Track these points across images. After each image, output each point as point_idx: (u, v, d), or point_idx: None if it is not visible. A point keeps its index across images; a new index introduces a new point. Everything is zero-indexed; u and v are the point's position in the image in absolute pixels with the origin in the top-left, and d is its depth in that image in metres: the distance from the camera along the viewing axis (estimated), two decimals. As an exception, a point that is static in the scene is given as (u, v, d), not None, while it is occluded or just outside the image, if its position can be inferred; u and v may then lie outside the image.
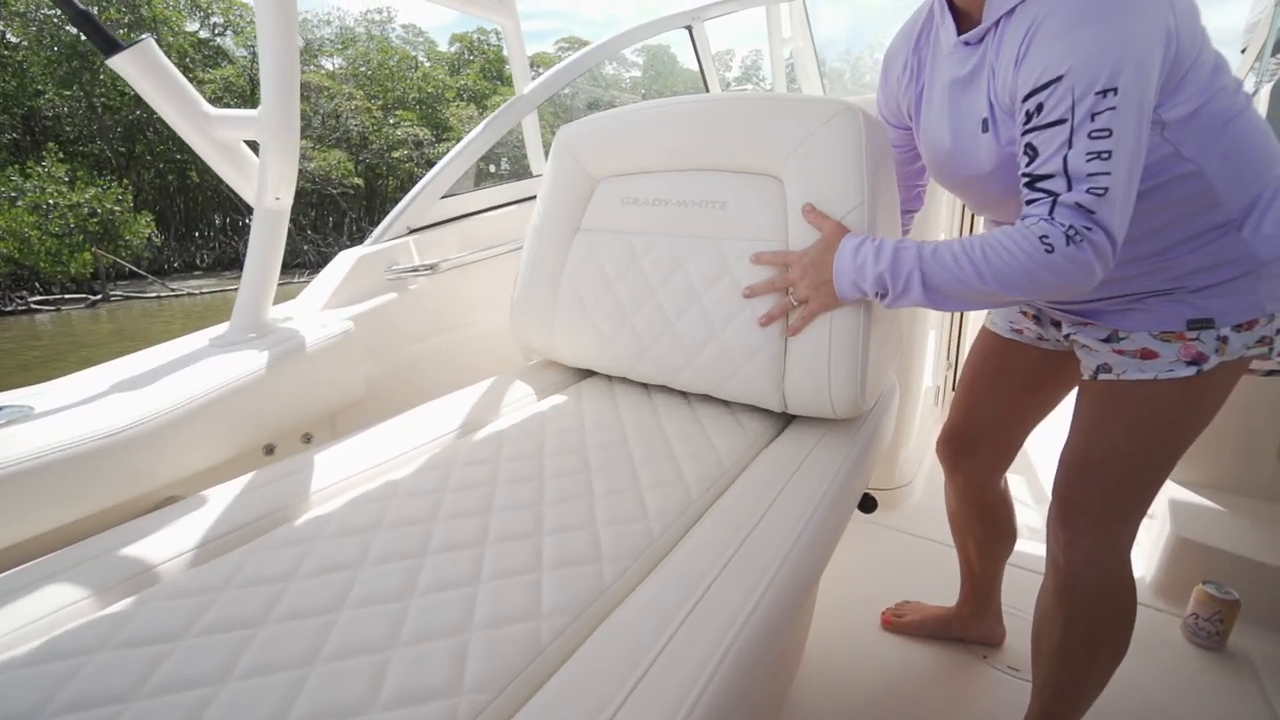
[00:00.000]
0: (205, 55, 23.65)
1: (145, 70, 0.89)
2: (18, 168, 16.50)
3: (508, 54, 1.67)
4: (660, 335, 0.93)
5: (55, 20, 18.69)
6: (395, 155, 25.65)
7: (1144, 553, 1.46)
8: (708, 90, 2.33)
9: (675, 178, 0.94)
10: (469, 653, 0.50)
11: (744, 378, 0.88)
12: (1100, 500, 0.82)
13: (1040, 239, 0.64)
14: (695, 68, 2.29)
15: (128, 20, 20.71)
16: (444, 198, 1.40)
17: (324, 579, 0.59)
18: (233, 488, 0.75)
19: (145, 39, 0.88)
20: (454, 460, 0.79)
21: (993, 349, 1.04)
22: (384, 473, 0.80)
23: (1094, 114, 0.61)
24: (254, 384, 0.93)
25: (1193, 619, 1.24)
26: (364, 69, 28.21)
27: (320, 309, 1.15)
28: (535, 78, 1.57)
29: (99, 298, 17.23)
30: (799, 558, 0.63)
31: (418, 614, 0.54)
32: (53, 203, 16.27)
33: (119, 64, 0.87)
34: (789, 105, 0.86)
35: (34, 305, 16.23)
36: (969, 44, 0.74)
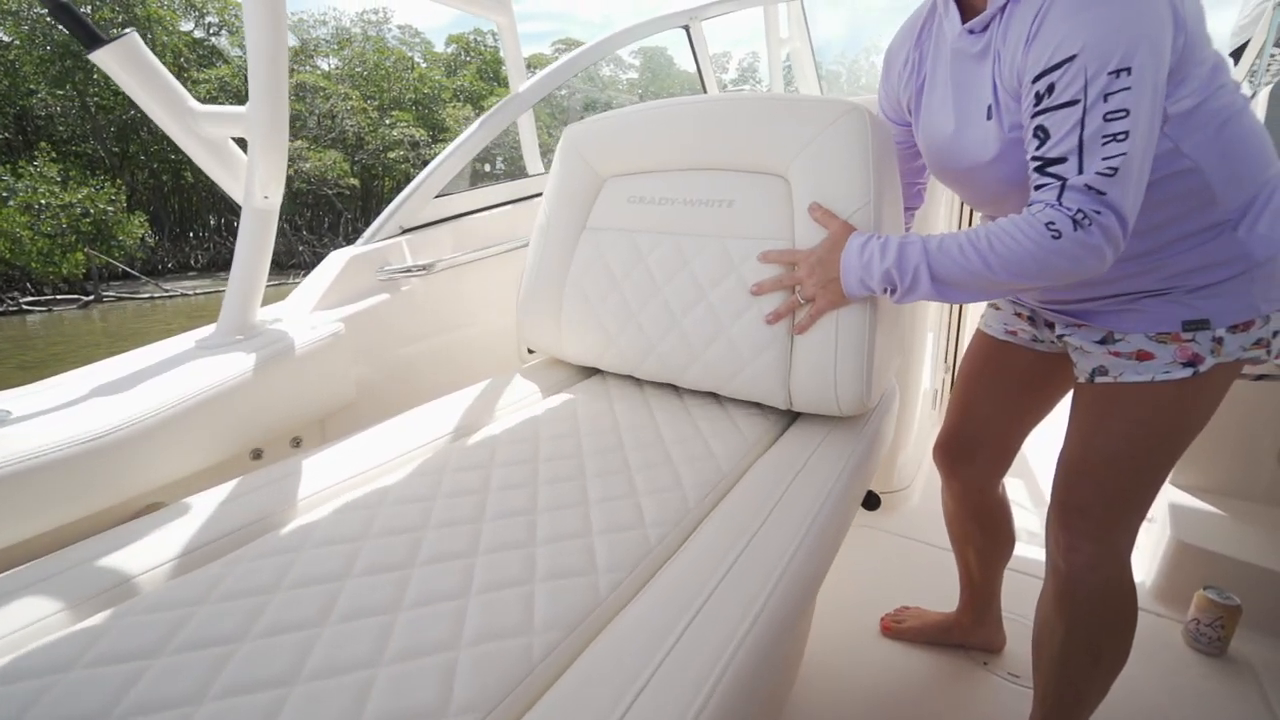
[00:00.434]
0: (200, 55, 23.54)
1: (128, 65, 0.87)
2: (9, 167, 16.38)
3: (503, 52, 1.65)
4: (667, 332, 0.94)
5: (48, 19, 18.58)
6: (391, 156, 25.59)
7: (1144, 557, 1.45)
8: (705, 91, 2.32)
9: (681, 177, 0.95)
10: (457, 671, 0.48)
11: (750, 374, 0.88)
12: (1100, 504, 0.82)
13: (1046, 225, 0.64)
14: (692, 69, 2.28)
15: (121, 19, 20.60)
16: (437, 197, 1.38)
17: (308, 591, 0.57)
18: (217, 494, 0.73)
19: (128, 33, 0.86)
20: (446, 465, 0.77)
21: (988, 352, 1.03)
22: (374, 478, 0.78)
23: (1107, 94, 0.60)
24: (240, 387, 0.91)
25: (1194, 624, 1.23)
26: (360, 69, 28.15)
27: (310, 310, 1.13)
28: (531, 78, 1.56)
29: (91, 298, 17.10)
30: (801, 562, 0.62)
31: (405, 629, 0.52)
32: (45, 203, 16.16)
33: (101, 59, 0.85)
34: (796, 105, 0.86)
35: (25, 306, 16.11)
36: (973, 32, 0.73)
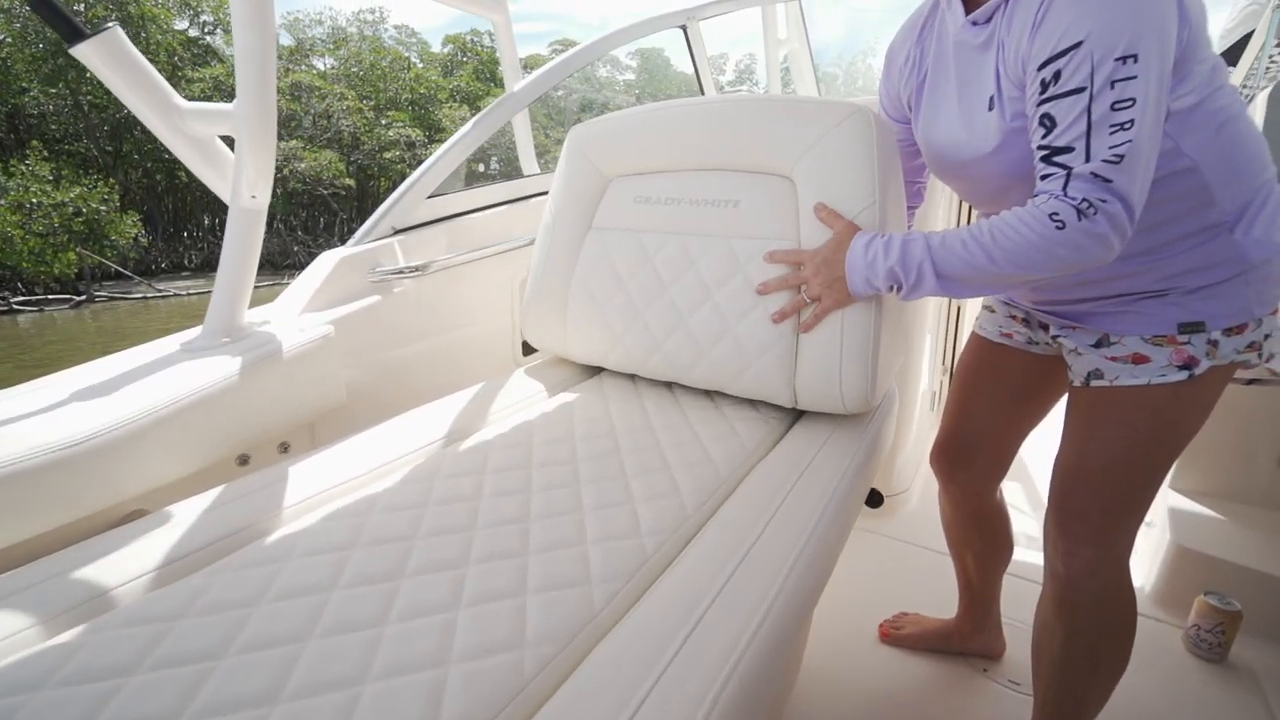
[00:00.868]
0: (194, 54, 23.41)
1: (111, 60, 0.85)
2: (1, 166, 16.23)
3: (498, 51, 1.63)
4: (673, 331, 0.94)
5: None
6: (387, 156, 25.50)
7: (1144, 562, 1.44)
8: (703, 91, 2.31)
9: (687, 177, 0.95)
10: (446, 688, 0.47)
11: (755, 372, 0.88)
12: (1099, 508, 0.81)
13: (1050, 216, 0.64)
14: (689, 71, 2.27)
15: (115, 18, 20.46)
16: (431, 197, 1.36)
17: (292, 604, 0.55)
18: (200, 502, 0.71)
19: (111, 27, 0.83)
20: (438, 471, 0.76)
21: (984, 355, 1.03)
22: (363, 485, 0.76)
23: (1114, 81, 0.60)
24: (226, 391, 0.89)
25: (1194, 630, 1.22)
26: (356, 69, 28.05)
27: (299, 312, 1.11)
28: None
29: (83, 298, 16.96)
30: (803, 569, 0.60)
31: (392, 643, 0.51)
32: (36, 202, 16.02)
33: (83, 53, 0.83)
34: (801, 107, 0.87)
35: (16, 306, 15.96)
36: (976, 23, 0.74)
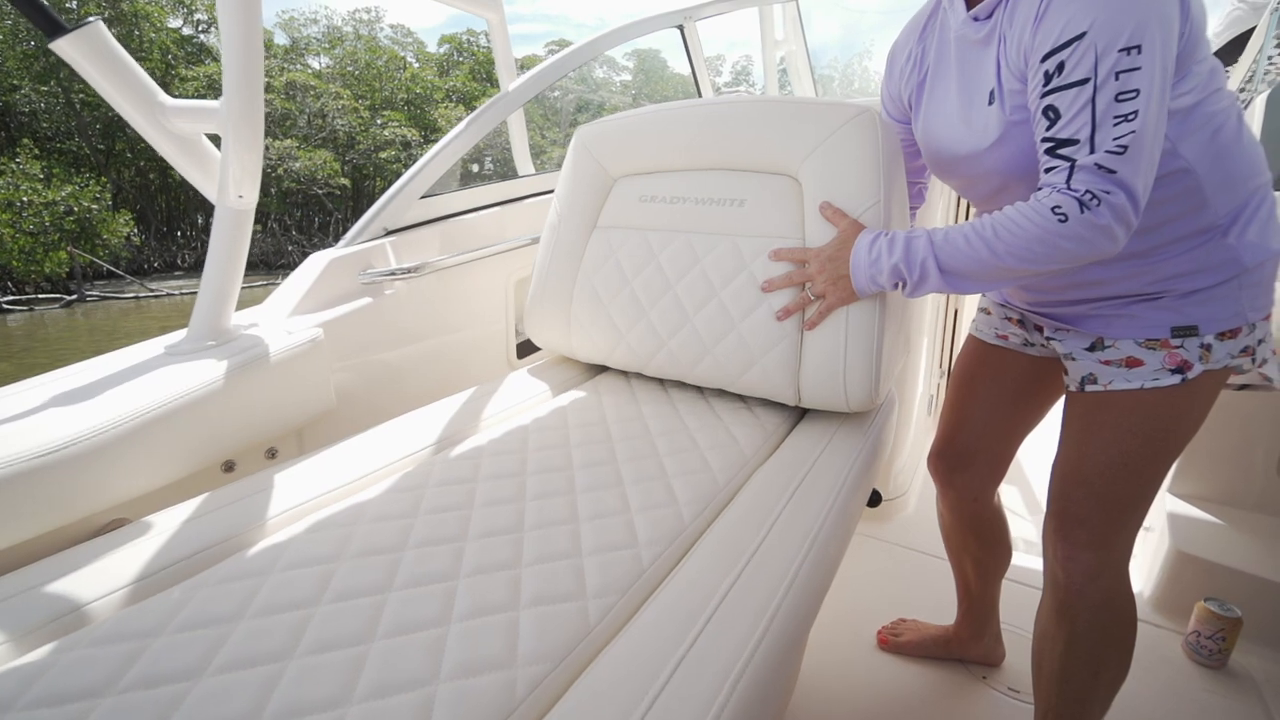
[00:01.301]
0: (188, 52, 23.28)
1: (92, 55, 0.82)
2: (-9, 164, 16.11)
3: (493, 49, 1.61)
4: (678, 329, 0.94)
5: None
6: (383, 156, 25.42)
7: (1143, 567, 1.43)
8: (699, 91, 2.29)
9: (693, 176, 0.96)
10: (434, 709, 0.45)
11: (760, 370, 0.89)
12: (1098, 513, 0.81)
13: (1053, 210, 0.64)
14: (686, 72, 2.25)
15: (108, 15, 20.32)
16: (424, 198, 1.34)
17: (275, 620, 0.53)
18: (181, 511, 0.69)
19: (93, 21, 0.81)
20: (428, 479, 0.74)
21: (981, 357, 1.02)
22: (351, 493, 0.74)
23: (1118, 72, 0.60)
24: (211, 395, 0.87)
25: (1194, 636, 1.21)
26: (351, 68, 27.96)
27: (288, 315, 1.08)
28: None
29: (74, 298, 16.80)
30: (806, 578, 0.59)
31: (378, 661, 0.49)
32: (27, 200, 15.88)
33: (63, 48, 0.80)
34: (807, 108, 0.87)
35: (5, 305, 15.80)
36: (978, 19, 0.74)
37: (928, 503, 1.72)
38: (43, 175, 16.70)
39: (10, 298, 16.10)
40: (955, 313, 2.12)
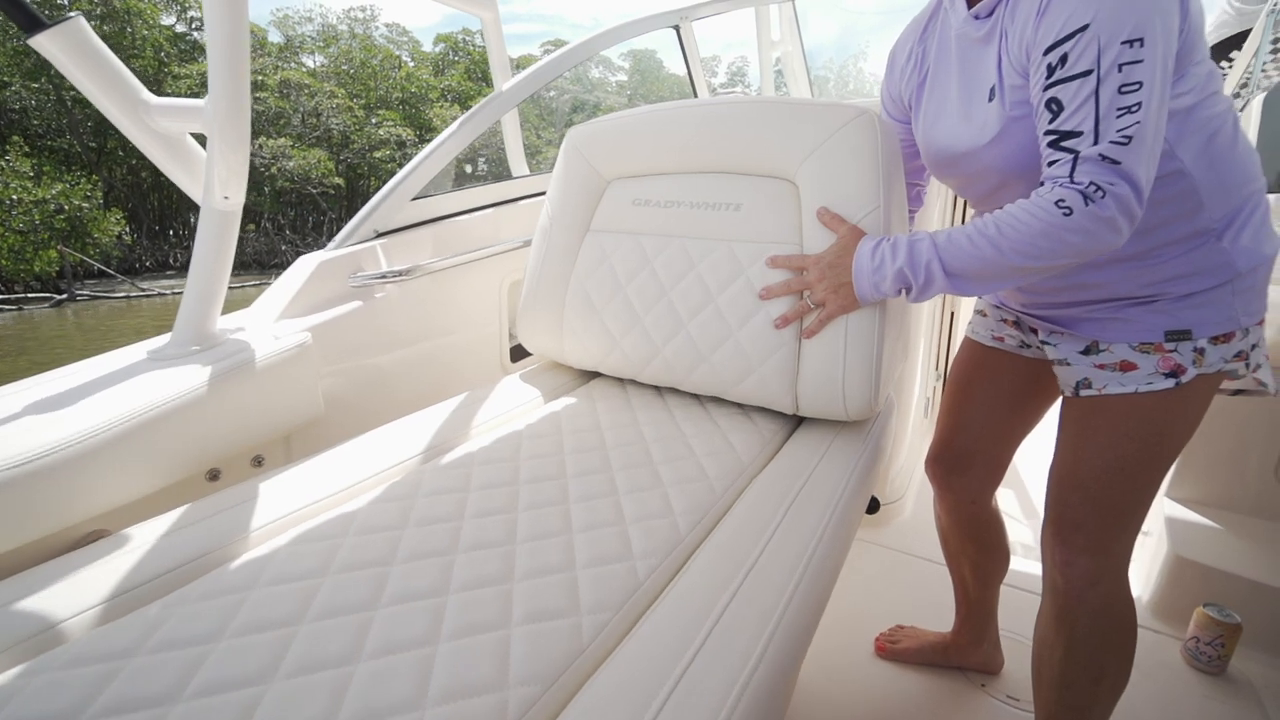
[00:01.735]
0: (181, 50, 23.12)
1: (73, 52, 0.80)
2: (-20, 162, 15.95)
3: (487, 48, 1.59)
4: (672, 336, 0.93)
5: (22, 10, 18.09)
6: (377, 155, 25.31)
7: (1141, 572, 1.43)
8: (695, 92, 2.28)
9: (687, 180, 0.94)
10: (420, 736, 0.43)
11: (757, 378, 0.87)
12: (1096, 517, 0.81)
13: (1056, 204, 0.63)
14: (681, 73, 2.24)
15: (100, 12, 20.16)
16: (416, 199, 1.31)
17: (255, 639, 0.51)
18: (162, 523, 0.67)
19: (74, 17, 0.79)
20: (418, 489, 0.72)
21: (978, 359, 1.02)
22: (339, 503, 0.72)
23: (1121, 65, 0.60)
24: (196, 402, 0.84)
25: (1193, 642, 1.21)
26: (346, 67, 27.83)
27: (275, 319, 1.06)
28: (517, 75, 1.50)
29: (64, 297, 16.65)
30: (807, 589, 0.57)
31: (363, 684, 0.47)
32: (16, 198, 15.73)
33: (42, 44, 0.78)
34: (804, 110, 0.85)
35: (-6, 304, 15.65)
36: (979, 17, 0.74)
37: (924, 507, 1.71)
38: (33, 173, 16.55)
39: (-1, 297, 15.95)
40: (951, 315, 2.11)
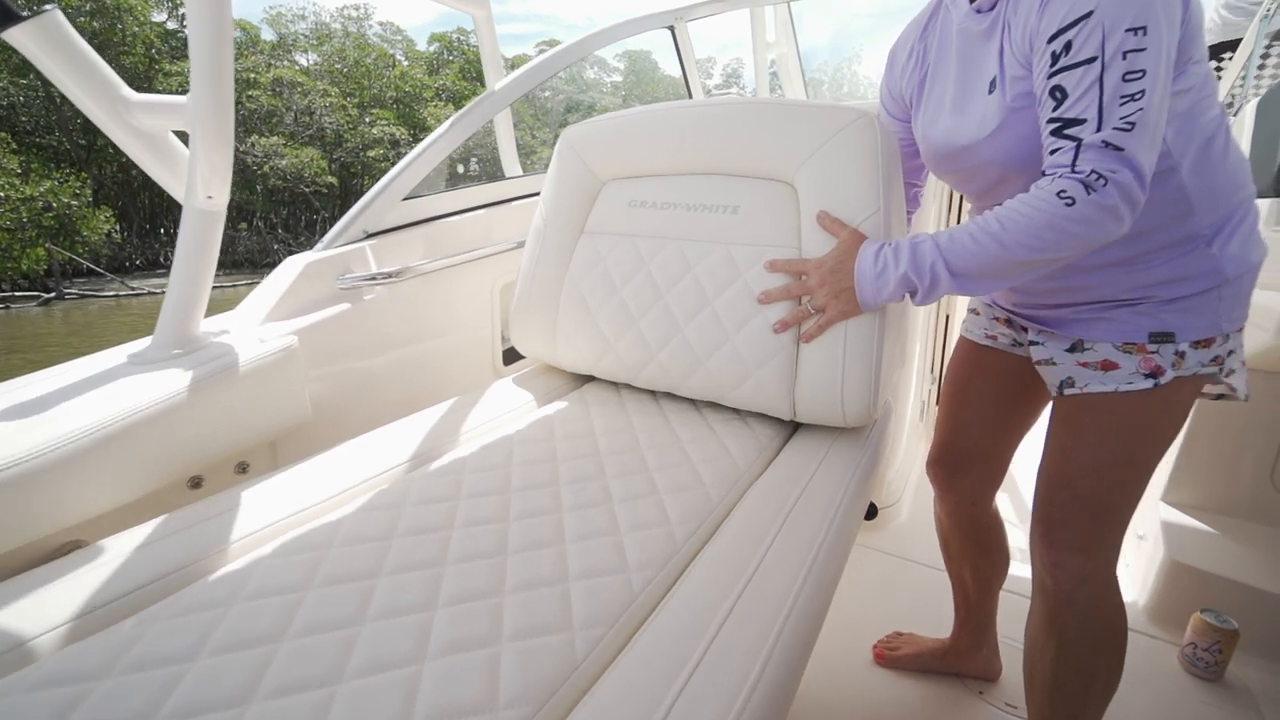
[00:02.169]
0: (173, 47, 22.92)
1: (49, 46, 0.77)
2: (-34, 159, 15.74)
3: (479, 46, 1.57)
4: (668, 339, 0.91)
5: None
6: (371, 154, 25.18)
7: (1138, 577, 1.42)
8: (690, 93, 2.27)
9: (684, 181, 0.93)
10: (404, 763, 0.41)
11: (754, 384, 0.86)
12: (1082, 516, 0.81)
13: (1058, 195, 0.63)
14: (676, 74, 2.23)
15: (89, 8, 19.96)
16: (406, 199, 1.29)
17: (233, 658, 0.48)
18: (139, 534, 0.64)
19: (50, 10, 0.76)
20: (406, 497, 0.70)
21: (974, 359, 1.02)
22: (324, 512, 0.70)
23: (1125, 52, 0.60)
24: (178, 407, 0.82)
25: (1190, 648, 1.20)
26: (340, 66, 27.69)
27: (261, 321, 1.03)
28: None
29: (53, 295, 16.46)
30: (807, 600, 0.56)
31: (346, 705, 0.45)
32: (3, 195, 15.54)
33: (16, 38, 0.75)
34: (803, 111, 0.84)
35: (-18, 303, 15.46)
36: (981, 11, 0.74)
37: (921, 511, 1.70)
38: (20, 170, 16.37)
39: (-14, 295, 15.75)
40: (946, 318, 2.11)
